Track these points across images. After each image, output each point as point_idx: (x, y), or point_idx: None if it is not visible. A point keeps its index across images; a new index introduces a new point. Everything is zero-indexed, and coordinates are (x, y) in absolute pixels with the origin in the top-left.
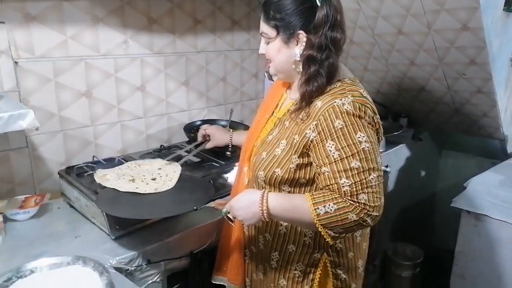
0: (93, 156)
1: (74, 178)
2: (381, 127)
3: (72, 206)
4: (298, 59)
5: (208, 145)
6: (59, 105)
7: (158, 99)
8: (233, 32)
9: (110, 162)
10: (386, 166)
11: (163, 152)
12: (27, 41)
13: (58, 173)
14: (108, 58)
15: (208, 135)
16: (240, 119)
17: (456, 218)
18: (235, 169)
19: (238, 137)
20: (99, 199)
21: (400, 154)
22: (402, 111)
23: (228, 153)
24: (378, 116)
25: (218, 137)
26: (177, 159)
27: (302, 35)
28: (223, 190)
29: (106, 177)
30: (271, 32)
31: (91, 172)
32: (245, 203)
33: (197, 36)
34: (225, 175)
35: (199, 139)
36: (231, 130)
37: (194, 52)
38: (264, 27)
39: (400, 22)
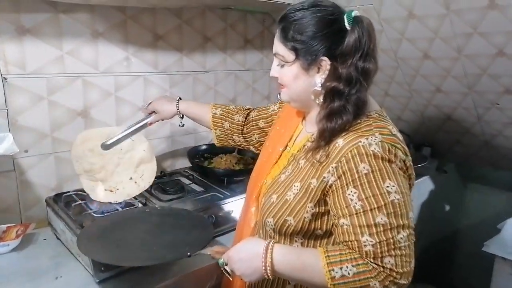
0: None
1: (61, 207)
2: (413, 172)
3: (58, 238)
4: (318, 89)
5: (152, 119)
6: (52, 125)
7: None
8: (245, 51)
9: None
10: None
11: (164, 179)
12: (19, 55)
13: (46, 201)
14: (108, 76)
15: (152, 111)
16: None
17: (484, 261)
18: (242, 201)
19: (186, 106)
20: (81, 237)
21: (423, 187)
22: (425, 141)
23: (180, 124)
24: (410, 158)
25: (163, 109)
26: (180, 190)
27: (326, 62)
28: (226, 226)
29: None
30: (289, 56)
31: (80, 201)
32: (246, 255)
33: (206, 54)
34: (230, 208)
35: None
36: (179, 98)
37: (202, 71)
38: (280, 49)
39: (427, 45)
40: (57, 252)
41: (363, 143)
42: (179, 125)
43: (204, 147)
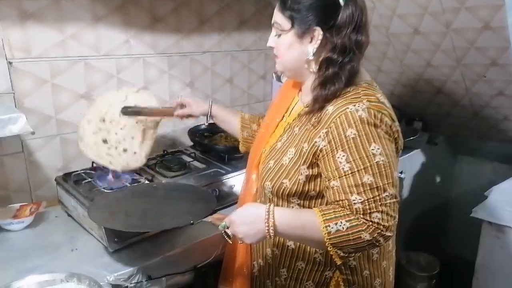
0: (93, 162)
1: (72, 186)
2: (400, 136)
3: (70, 215)
4: (310, 57)
5: (181, 112)
6: (56, 108)
7: (161, 101)
8: (240, 32)
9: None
10: (401, 173)
11: (167, 157)
12: (23, 40)
13: (55, 180)
14: (109, 59)
15: (184, 104)
16: None
17: (473, 227)
18: (243, 176)
19: (217, 107)
20: (91, 208)
21: (415, 159)
22: (416, 115)
23: (205, 124)
24: (397, 123)
25: (196, 104)
26: (184, 167)
27: (318, 32)
28: (229, 199)
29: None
30: (285, 24)
31: (89, 179)
32: (249, 219)
33: (203, 36)
34: (232, 183)
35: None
36: (211, 100)
37: (199, 52)
38: (278, 17)
39: (417, 21)
40: (69, 227)
41: (351, 109)
42: (203, 124)
43: (203, 126)
